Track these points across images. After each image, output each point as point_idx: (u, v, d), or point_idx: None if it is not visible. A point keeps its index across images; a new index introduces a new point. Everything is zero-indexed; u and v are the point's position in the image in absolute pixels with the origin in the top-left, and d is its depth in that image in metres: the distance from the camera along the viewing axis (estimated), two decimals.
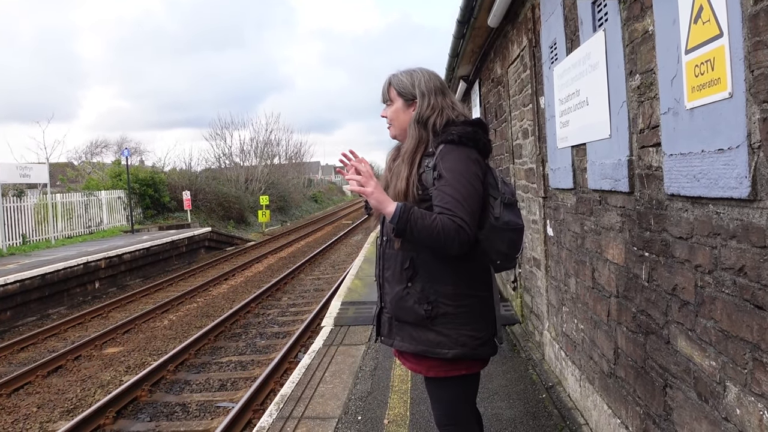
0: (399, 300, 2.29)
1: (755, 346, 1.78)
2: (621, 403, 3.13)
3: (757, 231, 1.74)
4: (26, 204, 17.89)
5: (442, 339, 2.25)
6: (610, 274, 3.19)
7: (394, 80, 2.45)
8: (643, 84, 2.57)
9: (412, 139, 2.34)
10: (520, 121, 5.71)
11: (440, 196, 2.16)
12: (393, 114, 2.45)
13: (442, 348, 2.25)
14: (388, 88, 2.47)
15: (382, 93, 2.49)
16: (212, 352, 8.74)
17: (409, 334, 2.30)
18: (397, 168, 2.34)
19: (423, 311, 2.24)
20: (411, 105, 2.41)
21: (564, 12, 3.78)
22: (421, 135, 2.33)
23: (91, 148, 38.32)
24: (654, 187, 2.51)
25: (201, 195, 28.26)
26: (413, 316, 2.26)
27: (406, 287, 2.27)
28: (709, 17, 1.90)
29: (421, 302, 2.24)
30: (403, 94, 2.42)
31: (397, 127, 2.46)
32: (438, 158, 2.23)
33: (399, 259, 2.30)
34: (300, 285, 14.30)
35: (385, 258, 2.38)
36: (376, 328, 2.48)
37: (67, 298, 13.30)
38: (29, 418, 6.52)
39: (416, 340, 2.27)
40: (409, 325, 2.29)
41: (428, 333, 2.25)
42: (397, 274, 2.31)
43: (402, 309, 2.29)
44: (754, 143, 1.71)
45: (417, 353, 2.29)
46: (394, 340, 2.37)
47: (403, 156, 2.33)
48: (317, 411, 4.43)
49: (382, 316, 2.43)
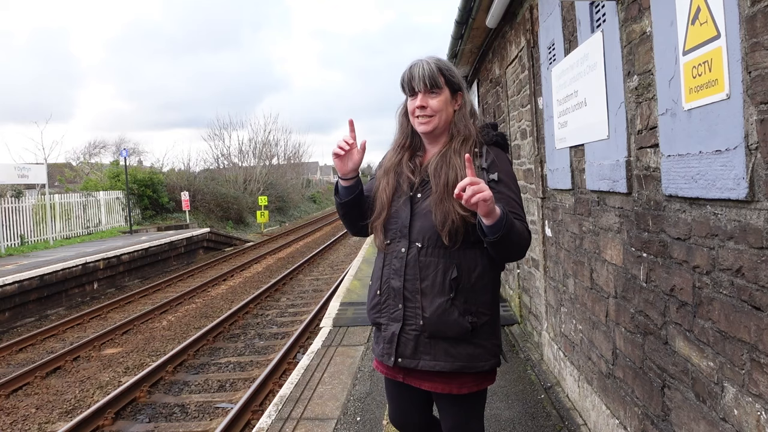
0: (442, 313, 2.07)
1: (753, 346, 1.79)
2: (619, 404, 3.13)
3: (755, 232, 1.74)
4: (24, 205, 17.87)
5: (479, 351, 2.12)
6: (608, 275, 3.20)
7: (443, 66, 2.18)
8: (641, 85, 2.57)
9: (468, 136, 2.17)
10: (518, 121, 5.71)
11: (504, 200, 2.02)
12: (441, 104, 2.17)
13: (479, 361, 2.12)
14: (438, 74, 2.15)
15: (428, 79, 2.14)
16: (211, 353, 8.73)
17: (444, 350, 2.10)
18: (445, 159, 2.14)
19: (468, 324, 2.08)
20: (454, 98, 2.22)
21: (562, 13, 3.78)
22: (471, 130, 2.19)
23: (90, 149, 38.26)
24: (652, 188, 2.51)
25: (199, 196, 28.25)
26: (457, 330, 2.07)
27: (449, 299, 2.07)
28: (706, 18, 1.91)
29: (466, 314, 2.08)
30: (452, 84, 2.20)
31: (443, 120, 2.19)
32: (492, 160, 2.13)
33: (441, 268, 2.09)
34: (299, 286, 14.30)
35: (420, 267, 2.11)
36: (393, 350, 2.16)
37: (65, 299, 13.28)
38: (28, 419, 6.51)
39: (453, 357, 2.09)
40: (448, 340, 2.09)
41: (467, 347, 2.10)
42: (438, 284, 2.08)
43: (444, 323, 2.07)
44: (752, 144, 1.72)
45: (453, 371, 2.10)
46: (420, 360, 2.12)
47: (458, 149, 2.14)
48: (316, 412, 4.43)
49: (403, 334, 2.14)
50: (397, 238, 2.19)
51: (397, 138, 2.34)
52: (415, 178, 2.21)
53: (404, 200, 2.20)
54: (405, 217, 2.17)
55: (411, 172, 2.23)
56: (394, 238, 2.20)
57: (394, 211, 2.21)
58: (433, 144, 2.27)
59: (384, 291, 2.20)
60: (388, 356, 2.18)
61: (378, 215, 2.24)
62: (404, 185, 2.22)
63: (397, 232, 2.19)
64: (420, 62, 2.17)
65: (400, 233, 2.18)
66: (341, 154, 2.18)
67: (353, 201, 2.27)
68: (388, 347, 2.18)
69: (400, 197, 2.22)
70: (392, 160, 2.30)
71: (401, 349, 2.15)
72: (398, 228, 2.19)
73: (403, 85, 2.23)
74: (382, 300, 2.22)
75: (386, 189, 2.23)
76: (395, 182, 2.24)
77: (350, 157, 2.20)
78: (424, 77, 2.14)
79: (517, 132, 5.81)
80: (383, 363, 2.25)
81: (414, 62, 2.19)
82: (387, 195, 2.22)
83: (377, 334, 2.29)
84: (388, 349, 2.18)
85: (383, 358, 2.21)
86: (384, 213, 2.22)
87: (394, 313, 2.17)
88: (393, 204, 2.22)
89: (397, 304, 2.16)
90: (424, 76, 2.14)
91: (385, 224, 2.22)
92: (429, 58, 2.19)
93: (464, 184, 1.79)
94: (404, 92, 2.26)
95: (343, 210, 2.32)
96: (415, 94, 2.19)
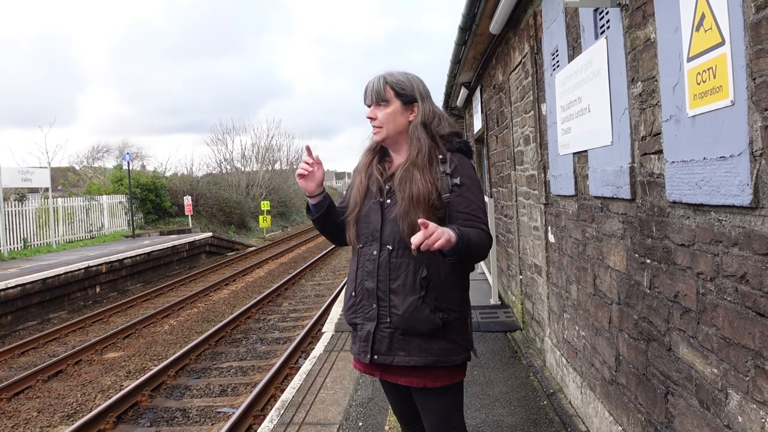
0: (414, 311, 2.19)
1: (757, 353, 1.78)
2: (622, 410, 3.12)
3: (759, 238, 1.74)
4: (28, 208, 17.92)
5: (452, 346, 2.25)
6: (611, 281, 3.19)
7: (391, 79, 2.32)
8: (645, 91, 2.58)
9: (423, 145, 2.27)
10: (521, 127, 5.72)
11: (465, 203, 2.20)
12: (389, 116, 2.30)
13: (452, 355, 2.24)
14: (384, 88, 2.30)
15: (374, 92, 2.31)
16: (213, 358, 8.73)
17: (417, 346, 2.22)
18: (407, 173, 2.25)
19: (439, 320, 2.20)
20: (409, 108, 2.33)
21: (566, 19, 3.79)
22: (428, 140, 2.29)
23: (93, 153, 38.43)
24: (656, 195, 2.51)
25: (202, 200, 28.29)
26: (429, 326, 2.19)
27: (420, 297, 2.19)
28: (711, 25, 1.91)
29: (436, 311, 2.20)
30: (402, 96, 2.31)
31: (392, 130, 2.31)
32: (456, 165, 2.25)
33: (412, 268, 2.21)
34: (301, 290, 14.30)
35: (391, 268, 2.24)
36: (369, 348, 2.28)
37: (67, 303, 13.30)
38: (29, 422, 6.52)
39: (426, 352, 2.21)
40: (420, 336, 2.21)
41: (440, 342, 2.22)
42: (409, 284, 2.21)
43: (417, 320, 2.19)
44: (756, 151, 1.72)
45: (427, 365, 2.22)
46: (395, 356, 2.24)
47: (415, 161, 2.25)
48: (318, 417, 4.43)
49: (378, 332, 2.26)
50: (369, 241, 2.31)
51: (370, 143, 2.49)
52: (383, 182, 2.35)
53: (374, 205, 2.33)
54: (376, 221, 2.30)
55: (380, 175, 2.37)
56: (366, 242, 2.32)
57: (365, 214, 2.35)
58: (396, 152, 2.41)
59: (359, 292, 2.33)
60: (364, 354, 2.30)
61: (351, 211, 2.39)
62: (373, 188, 2.37)
63: (369, 236, 2.31)
64: (373, 78, 2.35)
65: (372, 237, 2.30)
66: (305, 175, 2.33)
67: (324, 215, 2.41)
68: (364, 345, 2.30)
69: (370, 199, 2.35)
70: (364, 161, 2.46)
71: (377, 347, 2.27)
72: (370, 232, 2.31)
73: (363, 99, 2.39)
74: (357, 301, 2.34)
75: (359, 188, 2.40)
76: (366, 183, 2.39)
77: (312, 177, 2.35)
78: (372, 91, 2.32)
79: (520, 138, 5.82)
80: (360, 361, 2.37)
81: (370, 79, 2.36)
82: (360, 193, 2.37)
83: (354, 334, 2.42)
84: (364, 347, 2.31)
85: (360, 356, 2.34)
86: (356, 210, 2.36)
87: (368, 312, 2.29)
88: (364, 203, 2.36)
89: (372, 304, 2.28)
90: (372, 90, 2.32)
91: (357, 225, 2.36)
92: (384, 73, 2.34)
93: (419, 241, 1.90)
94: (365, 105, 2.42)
95: (320, 225, 2.46)
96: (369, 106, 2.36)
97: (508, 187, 6.71)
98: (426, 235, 1.92)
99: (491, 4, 5.27)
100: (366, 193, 2.37)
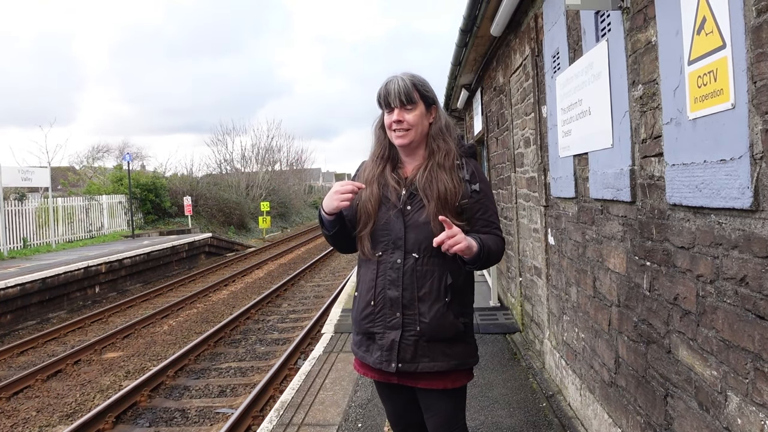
0: (440, 317, 2.21)
1: (757, 355, 1.79)
2: (622, 413, 3.13)
3: (759, 241, 1.75)
4: (27, 208, 17.91)
5: (470, 349, 2.34)
6: (611, 283, 3.20)
7: (417, 81, 2.27)
8: (646, 94, 2.58)
9: (449, 147, 2.29)
10: (521, 129, 5.73)
11: (482, 209, 2.26)
12: (417, 118, 2.25)
13: (470, 357, 2.33)
14: (413, 89, 2.24)
15: (403, 94, 2.22)
16: (212, 358, 8.73)
17: (441, 351, 2.24)
18: (432, 174, 2.23)
19: (461, 324, 2.27)
20: (430, 111, 2.32)
21: (567, 22, 3.80)
22: (450, 144, 2.31)
23: (93, 153, 38.28)
24: (656, 197, 2.52)
25: (202, 200, 28.29)
26: (453, 331, 2.24)
27: (445, 303, 2.22)
28: (712, 29, 1.92)
29: (459, 316, 2.26)
30: (426, 99, 2.29)
31: (418, 132, 2.27)
32: (473, 171, 2.29)
33: (437, 276, 2.22)
34: (300, 291, 14.30)
35: (418, 276, 2.21)
36: (395, 356, 2.23)
37: (67, 303, 13.29)
38: (28, 422, 6.51)
39: (449, 356, 2.25)
40: (444, 342, 2.24)
41: (461, 346, 2.29)
42: (434, 291, 2.21)
43: (443, 327, 2.22)
44: (757, 154, 1.73)
45: (450, 369, 2.26)
46: (419, 363, 2.23)
47: (442, 163, 2.25)
48: (317, 418, 4.43)
49: (403, 340, 2.23)
50: (390, 249, 2.26)
51: (375, 150, 2.41)
52: (402, 189, 2.29)
53: (395, 213, 2.27)
54: (399, 229, 2.25)
55: (397, 183, 2.31)
56: (386, 250, 2.26)
57: (383, 223, 2.28)
58: (410, 157, 2.35)
59: (379, 301, 2.27)
60: (387, 363, 2.25)
61: (365, 225, 2.31)
62: (392, 196, 2.29)
63: (390, 243, 2.26)
64: (395, 78, 2.26)
65: (394, 245, 2.25)
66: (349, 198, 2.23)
67: (340, 229, 2.34)
68: (387, 354, 2.25)
69: (389, 209, 2.28)
70: (373, 171, 2.36)
71: (402, 355, 2.23)
72: (391, 240, 2.25)
73: (380, 100, 2.31)
74: (376, 310, 2.28)
75: (371, 199, 2.30)
76: (379, 193, 2.31)
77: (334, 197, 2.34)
78: (399, 93, 2.22)
79: (520, 140, 5.82)
80: (382, 369, 2.30)
81: (389, 78, 2.27)
82: (372, 205, 2.30)
83: (368, 343, 2.34)
84: (387, 356, 2.25)
85: (383, 365, 2.27)
86: (370, 223, 2.29)
87: (391, 321, 2.25)
88: (380, 214, 2.29)
89: (395, 313, 2.24)
90: (399, 92, 2.22)
91: (373, 234, 2.29)
92: (404, 74, 2.27)
93: (442, 238, 2.00)
94: (380, 107, 2.34)
95: (333, 240, 2.40)
96: (391, 109, 2.26)
97: (508, 189, 6.71)
98: (448, 235, 1.99)
99: (492, 6, 5.28)
100: (380, 202, 2.30)
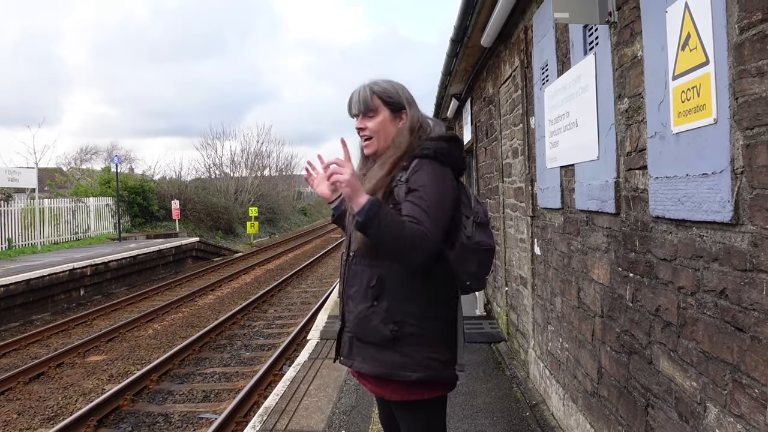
0: (363, 319, 2.14)
1: (735, 367, 1.81)
2: (603, 423, 3.15)
3: (739, 254, 1.77)
4: (13, 208, 17.75)
5: (406, 360, 2.11)
6: (595, 294, 3.23)
7: (377, 88, 2.25)
8: (632, 108, 2.62)
9: (398, 149, 2.19)
10: (510, 140, 5.77)
11: (408, 207, 2.04)
12: (379, 125, 2.23)
13: (405, 370, 2.11)
14: (370, 97, 2.23)
15: (361, 102, 2.24)
16: (196, 363, 8.67)
17: (371, 355, 2.15)
18: (373, 172, 2.19)
19: (389, 331, 2.10)
20: (398, 116, 2.25)
21: (556, 35, 3.84)
22: (411, 145, 2.18)
23: (81, 155, 38.01)
24: (640, 209, 2.55)
25: (190, 204, 28.16)
26: (377, 337, 2.12)
27: (371, 306, 2.13)
28: (696, 45, 1.95)
29: (387, 322, 2.10)
30: (390, 104, 2.25)
31: (383, 139, 2.24)
32: (411, 172, 2.12)
33: (365, 276, 2.16)
34: (287, 298, 14.25)
35: (350, 275, 2.22)
36: (336, 347, 2.33)
37: (51, 305, 13.16)
38: (9, 424, 6.43)
39: (378, 362, 2.14)
40: (372, 345, 2.15)
41: (392, 354, 2.12)
42: (362, 291, 2.16)
43: (365, 329, 2.14)
44: (737, 168, 1.76)
45: (378, 376, 2.16)
46: (354, 360, 2.22)
47: (384, 161, 2.19)
48: (301, 424, 4.42)
49: (343, 335, 2.27)
50: (345, 246, 2.35)
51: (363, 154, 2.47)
52: None
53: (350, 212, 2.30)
54: (350, 227, 2.29)
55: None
56: (346, 247, 2.34)
57: (348, 221, 2.35)
58: None
59: (340, 294, 2.37)
60: (335, 354, 2.37)
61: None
62: None
63: (346, 240, 2.34)
64: (359, 87, 2.29)
65: (346, 242, 2.33)
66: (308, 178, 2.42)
67: (342, 217, 2.45)
68: (335, 346, 2.36)
69: None
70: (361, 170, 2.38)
71: (342, 348, 2.30)
72: (347, 237, 2.34)
73: (348, 110, 2.34)
74: (340, 302, 2.38)
75: None
76: None
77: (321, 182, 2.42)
78: (358, 102, 2.26)
79: (509, 151, 5.86)
80: None
81: (355, 89, 2.31)
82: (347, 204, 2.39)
83: None
84: (336, 347, 2.36)
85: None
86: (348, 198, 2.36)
87: (340, 315, 2.34)
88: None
89: (341, 308, 2.32)
90: (358, 101, 2.26)
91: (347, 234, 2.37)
92: (367, 83, 2.29)
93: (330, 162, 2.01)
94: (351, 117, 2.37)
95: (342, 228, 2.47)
96: (355, 117, 2.31)
97: (495, 198, 6.75)
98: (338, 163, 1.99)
99: (483, 17, 5.33)
100: None
